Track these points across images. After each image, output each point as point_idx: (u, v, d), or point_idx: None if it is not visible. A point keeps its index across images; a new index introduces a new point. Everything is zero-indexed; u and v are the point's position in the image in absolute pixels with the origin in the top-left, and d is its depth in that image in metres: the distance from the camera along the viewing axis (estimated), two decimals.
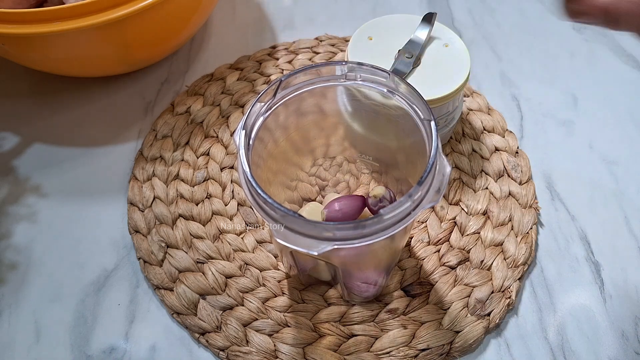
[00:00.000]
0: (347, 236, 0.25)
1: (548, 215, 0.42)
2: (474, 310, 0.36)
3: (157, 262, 0.39)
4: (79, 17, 0.37)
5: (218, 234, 0.40)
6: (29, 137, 0.47)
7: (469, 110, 0.47)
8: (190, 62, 0.53)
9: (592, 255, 0.40)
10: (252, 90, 0.49)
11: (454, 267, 0.38)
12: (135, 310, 0.38)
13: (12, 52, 0.43)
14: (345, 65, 0.29)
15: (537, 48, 0.53)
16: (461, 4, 0.58)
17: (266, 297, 0.37)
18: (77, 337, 0.36)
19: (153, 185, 0.43)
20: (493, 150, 0.44)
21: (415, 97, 0.28)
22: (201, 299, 0.37)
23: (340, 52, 0.52)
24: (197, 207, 0.42)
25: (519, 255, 0.39)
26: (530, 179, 0.43)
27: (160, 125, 0.47)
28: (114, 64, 0.47)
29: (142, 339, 0.36)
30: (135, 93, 0.50)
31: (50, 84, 0.51)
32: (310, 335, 0.36)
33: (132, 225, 0.41)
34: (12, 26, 0.37)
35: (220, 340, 0.36)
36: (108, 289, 0.38)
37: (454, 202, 0.42)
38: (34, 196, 0.43)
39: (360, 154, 0.38)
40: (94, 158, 0.46)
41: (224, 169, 0.44)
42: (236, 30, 0.56)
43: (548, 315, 0.37)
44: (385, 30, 0.42)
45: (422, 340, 0.35)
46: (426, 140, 0.27)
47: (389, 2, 0.58)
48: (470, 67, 0.39)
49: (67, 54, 0.43)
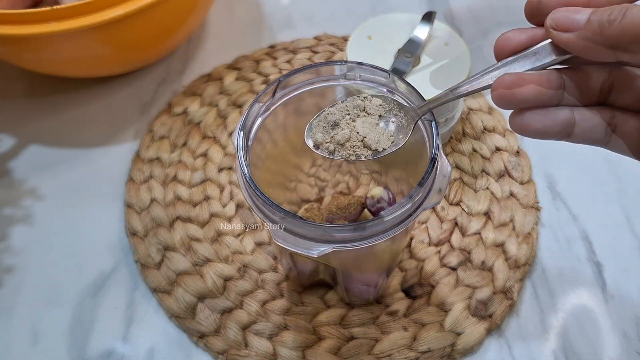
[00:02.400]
0: (347, 238, 0.24)
1: (549, 215, 0.41)
2: (475, 312, 0.36)
3: (155, 264, 0.39)
4: (75, 18, 0.37)
5: (216, 236, 0.40)
6: (24, 138, 0.47)
7: (470, 109, 0.47)
8: (188, 62, 0.53)
9: (594, 256, 0.39)
10: (251, 91, 0.49)
11: (454, 268, 0.38)
12: (133, 313, 0.37)
13: (8, 52, 0.43)
14: (344, 65, 0.28)
15: None
16: (461, 2, 0.57)
17: (265, 300, 0.37)
18: (75, 341, 0.36)
19: (150, 187, 0.43)
20: (494, 150, 0.44)
21: (416, 96, 0.27)
22: (199, 302, 0.37)
23: (340, 51, 0.52)
24: (195, 209, 0.41)
25: (520, 255, 0.38)
26: (531, 178, 0.43)
27: (157, 127, 0.46)
28: (110, 65, 0.47)
29: (140, 343, 0.36)
30: (132, 94, 0.50)
31: (46, 85, 0.50)
32: (310, 338, 0.35)
33: (130, 228, 0.41)
34: (7, 27, 0.37)
35: (219, 343, 0.35)
36: (105, 292, 0.38)
37: (454, 202, 0.41)
38: (30, 198, 0.43)
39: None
40: (91, 160, 0.45)
41: (222, 170, 0.44)
42: (234, 30, 0.55)
43: (550, 316, 0.37)
44: (384, 29, 0.41)
45: (423, 342, 0.35)
46: (426, 140, 0.27)
47: (388, 1, 0.58)
48: (470, 66, 0.39)
49: (63, 54, 0.42)
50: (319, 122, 0.25)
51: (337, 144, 0.25)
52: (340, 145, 0.25)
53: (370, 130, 0.25)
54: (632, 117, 0.21)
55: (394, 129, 0.25)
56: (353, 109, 0.25)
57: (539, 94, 0.20)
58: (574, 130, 0.21)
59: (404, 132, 0.25)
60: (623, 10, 0.18)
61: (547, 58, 0.21)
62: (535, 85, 0.20)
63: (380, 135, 0.25)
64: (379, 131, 0.25)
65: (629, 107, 0.21)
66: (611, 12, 0.18)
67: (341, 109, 0.25)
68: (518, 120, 0.21)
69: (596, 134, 0.21)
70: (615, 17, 0.18)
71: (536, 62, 0.21)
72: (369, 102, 0.25)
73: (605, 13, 0.18)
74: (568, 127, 0.21)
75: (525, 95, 0.20)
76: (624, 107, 0.21)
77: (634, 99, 0.21)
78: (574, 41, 0.19)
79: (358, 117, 0.25)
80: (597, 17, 0.19)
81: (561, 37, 0.20)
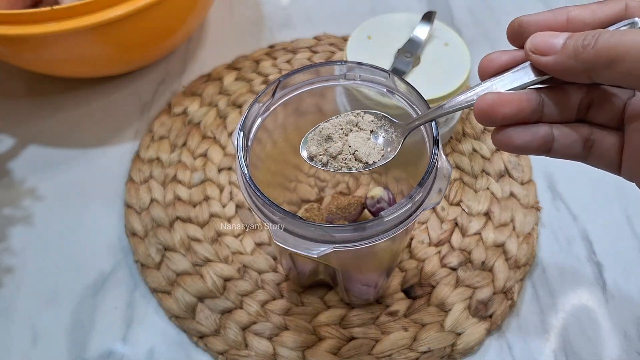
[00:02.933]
0: (347, 238, 0.24)
1: (549, 215, 0.41)
2: (475, 312, 0.36)
3: (155, 265, 0.39)
4: (74, 18, 0.37)
5: (216, 237, 0.40)
6: (24, 139, 0.47)
7: (470, 109, 0.47)
8: (187, 62, 0.53)
9: (594, 256, 0.39)
10: (250, 91, 0.49)
11: (455, 269, 0.38)
12: (133, 313, 0.37)
13: (8, 53, 0.43)
14: (344, 65, 0.28)
15: None
16: (461, 2, 0.57)
17: (265, 300, 0.37)
18: (74, 341, 0.36)
19: (150, 187, 0.42)
20: (494, 150, 0.44)
21: (415, 96, 0.27)
22: (199, 302, 0.37)
23: (339, 51, 0.52)
24: (194, 209, 0.41)
25: (521, 255, 0.38)
26: (531, 179, 0.43)
27: (157, 127, 0.46)
28: (109, 65, 0.47)
29: (139, 343, 0.36)
30: (132, 94, 0.50)
31: (45, 85, 0.50)
32: (310, 338, 0.35)
33: (129, 228, 0.41)
34: (7, 27, 0.37)
35: (219, 343, 0.35)
36: (105, 292, 0.38)
37: (454, 202, 0.41)
38: (30, 199, 0.43)
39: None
40: (90, 160, 0.45)
41: (221, 170, 0.44)
42: (234, 30, 0.55)
43: (550, 316, 0.37)
44: (384, 29, 0.41)
45: (423, 342, 0.35)
46: (426, 140, 0.27)
47: (388, 1, 0.58)
48: (470, 66, 0.39)
49: (63, 54, 0.42)
50: (313, 136, 0.27)
51: (330, 157, 0.26)
52: (333, 157, 0.26)
53: (361, 144, 0.26)
54: (609, 134, 0.22)
55: (383, 143, 0.26)
56: (346, 124, 0.26)
57: (519, 112, 0.21)
58: (553, 146, 0.22)
59: (394, 147, 0.26)
60: (596, 35, 0.19)
61: (527, 78, 0.22)
62: (515, 103, 0.21)
63: (371, 149, 0.26)
64: (370, 145, 0.26)
65: (606, 124, 0.22)
66: (585, 38, 0.20)
67: (335, 124, 0.26)
68: (499, 136, 0.22)
69: (575, 150, 0.22)
70: (589, 42, 0.19)
71: (517, 81, 0.22)
72: (362, 118, 0.27)
73: (580, 38, 0.20)
74: (547, 143, 0.22)
75: (505, 114, 0.21)
76: (602, 124, 0.22)
77: (610, 116, 0.22)
78: (552, 64, 0.21)
79: (351, 131, 0.26)
80: (572, 42, 0.20)
81: (539, 60, 0.21)
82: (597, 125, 0.22)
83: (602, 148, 0.22)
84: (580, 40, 0.20)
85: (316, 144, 0.26)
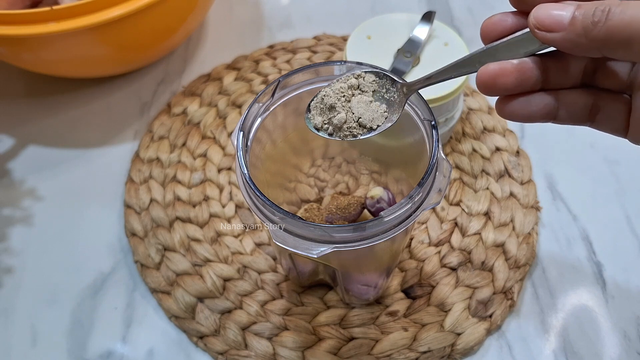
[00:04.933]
0: (347, 238, 0.24)
1: (549, 215, 0.41)
2: (475, 312, 0.36)
3: (155, 265, 0.38)
4: (74, 18, 0.37)
5: (216, 237, 0.40)
6: (24, 139, 0.47)
7: (469, 109, 0.47)
8: (187, 62, 0.53)
9: (594, 256, 0.39)
10: (250, 91, 0.49)
11: (455, 269, 0.38)
12: (133, 314, 0.37)
13: (7, 53, 0.43)
14: (344, 65, 0.28)
15: None
16: (460, 2, 0.57)
17: (265, 300, 0.37)
18: (74, 342, 0.36)
19: (150, 187, 0.42)
20: (494, 150, 0.44)
21: (415, 96, 0.27)
22: (199, 303, 0.37)
23: (339, 51, 0.52)
24: (194, 209, 0.41)
25: (521, 255, 0.38)
26: (531, 179, 0.43)
27: (156, 127, 0.46)
28: (109, 65, 0.47)
29: (139, 343, 0.36)
30: (131, 94, 0.50)
31: (45, 85, 0.50)
32: (309, 338, 0.35)
33: (129, 228, 0.40)
34: (6, 27, 0.37)
35: (219, 344, 0.35)
36: (105, 292, 0.38)
37: (454, 202, 0.41)
38: (30, 199, 0.43)
39: (360, 154, 0.38)
40: (90, 160, 0.45)
41: (221, 170, 0.44)
42: (233, 30, 0.55)
43: (550, 316, 0.37)
44: (384, 29, 0.41)
45: (423, 342, 0.35)
46: (426, 140, 0.27)
47: (387, 1, 0.58)
48: None
49: (62, 54, 0.42)
50: (316, 104, 0.26)
51: (334, 127, 0.26)
52: (338, 128, 0.26)
53: (364, 109, 0.26)
54: (616, 98, 0.21)
55: (387, 104, 0.26)
56: (348, 89, 0.26)
57: (522, 82, 0.21)
58: (558, 113, 0.22)
59: (397, 108, 0.26)
60: (606, 10, 0.18)
61: (531, 46, 0.21)
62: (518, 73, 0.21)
63: (374, 113, 0.26)
64: (373, 109, 0.26)
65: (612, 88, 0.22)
66: (594, 12, 0.18)
67: (336, 91, 0.26)
68: (503, 106, 0.22)
69: (581, 116, 0.22)
70: (599, 18, 0.18)
71: (520, 49, 0.21)
72: (363, 79, 0.26)
73: (589, 12, 0.18)
74: (552, 111, 0.22)
75: (507, 84, 0.21)
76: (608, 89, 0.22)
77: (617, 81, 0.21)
78: (559, 41, 0.19)
79: (353, 96, 0.26)
80: (581, 17, 0.18)
81: (546, 37, 0.20)
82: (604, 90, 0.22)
83: (609, 113, 0.21)
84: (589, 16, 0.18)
85: (319, 112, 0.26)
